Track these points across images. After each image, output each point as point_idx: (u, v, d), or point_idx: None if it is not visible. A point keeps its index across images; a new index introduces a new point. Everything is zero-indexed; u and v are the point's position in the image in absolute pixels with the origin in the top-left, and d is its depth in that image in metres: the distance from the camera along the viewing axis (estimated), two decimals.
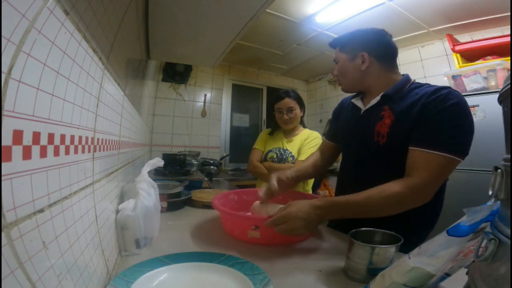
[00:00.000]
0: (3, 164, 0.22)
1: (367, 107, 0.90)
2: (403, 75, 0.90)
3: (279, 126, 1.70)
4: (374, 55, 0.87)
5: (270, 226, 0.71)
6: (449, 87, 0.76)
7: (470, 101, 1.89)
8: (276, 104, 1.62)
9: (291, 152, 1.60)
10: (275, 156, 1.64)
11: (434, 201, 0.78)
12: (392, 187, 0.72)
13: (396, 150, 0.78)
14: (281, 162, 1.60)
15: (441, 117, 0.72)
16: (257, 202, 0.91)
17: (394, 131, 0.80)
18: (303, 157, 1.50)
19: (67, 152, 0.34)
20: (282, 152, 1.63)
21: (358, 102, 0.95)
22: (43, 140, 0.28)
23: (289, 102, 1.58)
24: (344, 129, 1.00)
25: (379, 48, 0.88)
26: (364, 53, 0.87)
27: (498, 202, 0.36)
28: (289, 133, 1.68)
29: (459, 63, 2.18)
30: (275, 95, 1.67)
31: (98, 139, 0.49)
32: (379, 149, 0.83)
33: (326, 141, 1.15)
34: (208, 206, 1.17)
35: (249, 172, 1.78)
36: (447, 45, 2.29)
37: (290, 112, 1.59)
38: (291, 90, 1.67)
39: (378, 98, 0.86)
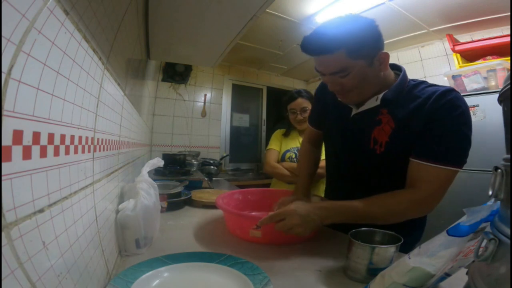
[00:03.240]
0: (3, 164, 0.22)
1: (362, 109, 0.80)
2: (395, 66, 0.81)
3: (293, 126, 1.70)
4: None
5: (268, 222, 0.69)
6: (453, 89, 0.71)
7: (470, 101, 1.90)
8: (289, 105, 1.62)
9: None
10: (293, 156, 1.64)
11: None
12: (398, 198, 0.71)
13: (394, 160, 0.75)
14: None
15: (448, 128, 0.69)
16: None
17: (394, 141, 0.74)
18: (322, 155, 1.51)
19: (67, 152, 0.34)
20: None
21: None
22: (43, 140, 0.28)
23: (302, 102, 1.58)
24: (332, 129, 0.92)
25: (382, 40, 0.72)
26: (383, 52, 0.70)
27: (498, 202, 0.36)
28: (304, 132, 1.69)
29: (459, 63, 2.18)
30: (288, 95, 1.66)
31: (98, 139, 0.49)
32: (375, 158, 0.78)
33: (311, 128, 1.06)
34: (208, 206, 1.17)
35: (266, 173, 1.76)
36: (447, 45, 2.29)
37: (304, 112, 1.59)
38: (303, 90, 1.66)
39: (376, 101, 0.77)
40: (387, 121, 0.76)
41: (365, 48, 0.69)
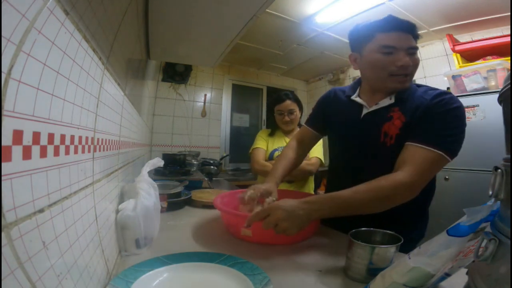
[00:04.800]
0: (3, 164, 0.22)
1: (375, 107, 0.85)
2: None
3: (277, 127, 1.72)
4: None
5: (255, 219, 0.69)
6: (449, 92, 0.78)
7: (470, 101, 1.91)
8: (277, 106, 1.66)
9: None
10: None
11: (427, 195, 0.80)
12: (382, 182, 0.71)
13: None
14: None
15: (443, 117, 0.73)
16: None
17: (404, 133, 0.78)
18: (313, 153, 1.53)
19: (67, 152, 0.34)
20: None
21: (360, 100, 0.89)
22: (43, 140, 0.28)
23: (289, 104, 1.63)
24: (341, 129, 0.96)
25: None
26: None
27: (498, 202, 0.36)
28: (290, 133, 1.70)
29: (459, 63, 2.18)
30: (275, 97, 1.70)
31: (98, 139, 0.49)
32: (386, 150, 0.81)
33: (308, 128, 1.07)
34: (208, 206, 1.17)
35: (255, 172, 1.75)
36: (447, 45, 2.29)
37: (291, 114, 1.63)
38: (290, 92, 1.70)
39: (390, 100, 0.83)
40: (398, 117, 0.81)
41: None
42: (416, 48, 0.79)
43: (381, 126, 0.82)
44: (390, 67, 0.79)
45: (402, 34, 0.78)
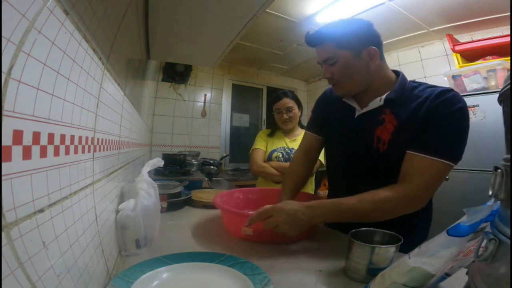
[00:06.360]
0: (3, 164, 0.22)
1: (366, 110, 0.83)
2: (394, 71, 0.85)
3: (277, 127, 1.72)
4: (378, 48, 0.78)
5: (256, 219, 0.70)
6: (451, 89, 0.74)
7: (470, 101, 1.90)
8: (275, 105, 1.66)
9: None
10: (280, 155, 1.64)
11: (429, 202, 0.78)
12: (388, 192, 0.70)
13: (397, 158, 0.75)
14: (288, 161, 1.60)
15: (446, 123, 0.70)
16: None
17: (397, 138, 0.76)
18: None
19: (67, 152, 0.34)
20: (288, 151, 1.64)
21: (352, 102, 0.87)
22: (43, 140, 0.28)
23: (287, 102, 1.62)
24: (336, 130, 0.92)
25: (378, 40, 0.79)
26: (372, 47, 0.76)
27: (498, 202, 0.36)
28: (290, 133, 1.70)
29: (459, 63, 2.18)
30: (273, 96, 1.70)
31: (98, 139, 0.49)
32: (379, 156, 0.79)
33: (311, 135, 1.03)
34: (208, 206, 1.18)
35: (254, 173, 1.75)
36: (447, 45, 2.29)
37: (289, 112, 1.63)
38: (288, 91, 1.70)
39: (380, 101, 0.80)
40: (390, 120, 0.78)
41: (352, 40, 0.77)
42: (327, 60, 0.80)
43: (373, 130, 0.80)
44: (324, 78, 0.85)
45: (319, 48, 0.82)
